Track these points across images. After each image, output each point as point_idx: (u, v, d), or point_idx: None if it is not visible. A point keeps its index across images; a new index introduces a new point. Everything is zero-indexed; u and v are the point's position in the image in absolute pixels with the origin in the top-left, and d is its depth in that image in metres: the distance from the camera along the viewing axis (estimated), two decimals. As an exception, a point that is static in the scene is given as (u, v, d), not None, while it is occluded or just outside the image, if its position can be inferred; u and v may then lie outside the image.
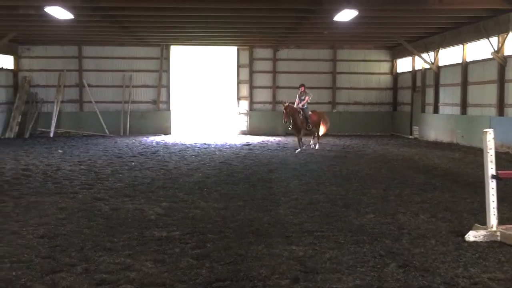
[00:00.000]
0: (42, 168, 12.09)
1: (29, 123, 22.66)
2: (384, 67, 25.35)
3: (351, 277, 4.79)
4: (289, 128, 16.95)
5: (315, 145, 17.17)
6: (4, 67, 22.65)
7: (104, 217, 7.16)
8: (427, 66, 21.54)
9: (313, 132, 17.29)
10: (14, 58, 23.36)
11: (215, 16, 16.40)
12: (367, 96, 25.20)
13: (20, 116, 22.47)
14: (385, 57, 25.29)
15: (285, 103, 16.62)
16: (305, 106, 16.58)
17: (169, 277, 4.76)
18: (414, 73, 23.25)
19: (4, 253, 5.45)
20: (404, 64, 24.62)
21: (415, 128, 22.93)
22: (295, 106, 16.54)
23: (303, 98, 16.63)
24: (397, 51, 24.67)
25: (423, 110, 22.25)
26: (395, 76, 25.28)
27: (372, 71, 25.19)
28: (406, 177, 11.07)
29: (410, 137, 22.97)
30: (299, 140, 16.60)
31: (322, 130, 17.48)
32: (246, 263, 5.16)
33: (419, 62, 22.40)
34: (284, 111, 16.12)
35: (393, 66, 25.29)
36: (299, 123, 16.36)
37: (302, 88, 16.74)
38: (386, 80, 25.36)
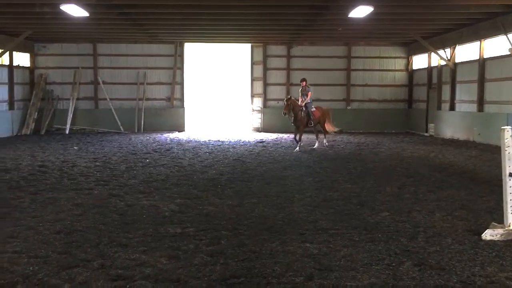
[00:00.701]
0: (58, 165, 12.23)
1: (45, 120, 22.92)
2: (400, 63, 25.13)
3: (366, 275, 4.76)
4: (292, 124, 16.29)
5: (325, 143, 16.92)
6: (20, 65, 22.91)
7: (119, 213, 7.21)
8: (444, 63, 21.29)
9: (317, 129, 16.84)
10: (30, 56, 23.63)
11: (229, 13, 16.40)
12: (382, 93, 25.01)
13: (36, 113, 22.74)
14: (401, 53, 25.06)
15: (288, 95, 16.20)
16: (309, 101, 16.07)
17: (184, 273, 4.78)
18: (430, 69, 23.00)
19: (22, 248, 5.52)
20: (420, 61, 24.36)
21: (430, 125, 22.69)
22: (299, 103, 15.96)
23: (305, 93, 16.05)
24: (412, 48, 24.43)
25: (439, 107, 22.01)
26: (411, 73, 25.04)
27: (387, 68, 24.99)
28: (421, 175, 10.97)
29: (426, 134, 22.74)
30: (299, 136, 15.94)
31: (328, 127, 16.96)
32: (260, 260, 5.16)
33: (435, 58, 22.16)
34: (285, 103, 15.60)
35: (408, 63, 25.05)
36: (300, 119, 15.71)
37: (304, 83, 16.12)
38: (401, 77, 25.14)
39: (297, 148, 15.66)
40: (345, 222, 6.76)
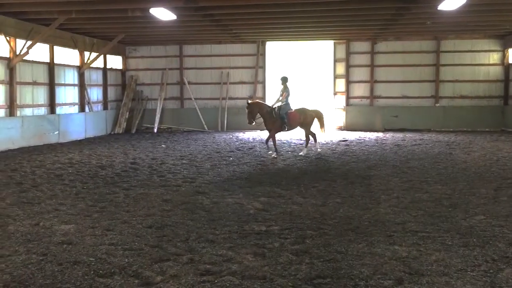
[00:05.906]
0: (148, 162, 12.82)
1: (136, 119, 24.16)
2: (494, 57, 23.52)
3: (460, 281, 4.51)
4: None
5: (318, 148, 14.97)
6: (113, 67, 24.36)
7: (205, 210, 7.41)
8: (544, 55, 19.66)
9: (309, 134, 14.71)
10: (122, 59, 25.03)
11: (312, 10, 16.24)
12: (474, 89, 23.57)
13: (128, 113, 24.04)
14: (496, 46, 23.44)
15: (248, 100, 14.44)
16: (285, 102, 14.10)
17: (270, 271, 4.80)
18: (528, 63, 21.35)
19: (117, 240, 5.85)
20: (517, 54, 22.69)
21: (529, 123, 21.05)
22: (273, 104, 14.22)
23: (281, 93, 14.19)
24: (509, 40, 22.76)
25: (538, 104, 20.36)
26: (507, 67, 23.35)
27: (480, 62, 23.48)
28: (520, 176, 10.20)
29: (523, 133, 21.14)
30: (269, 141, 14.24)
31: (320, 131, 14.90)
32: (346, 261, 5.06)
33: (535, 51, 20.51)
34: (247, 110, 13.82)
35: (504, 56, 23.37)
36: (269, 121, 13.87)
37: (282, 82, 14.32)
38: (496, 71, 23.53)
39: (274, 154, 13.81)
40: (436, 225, 6.45)
